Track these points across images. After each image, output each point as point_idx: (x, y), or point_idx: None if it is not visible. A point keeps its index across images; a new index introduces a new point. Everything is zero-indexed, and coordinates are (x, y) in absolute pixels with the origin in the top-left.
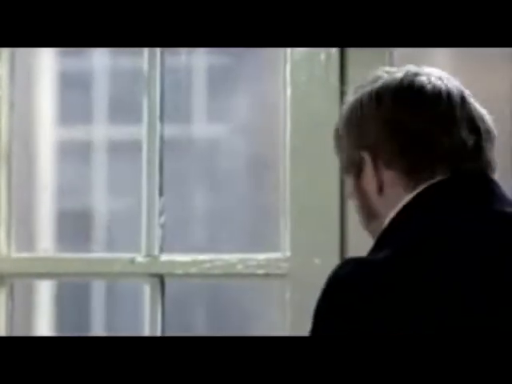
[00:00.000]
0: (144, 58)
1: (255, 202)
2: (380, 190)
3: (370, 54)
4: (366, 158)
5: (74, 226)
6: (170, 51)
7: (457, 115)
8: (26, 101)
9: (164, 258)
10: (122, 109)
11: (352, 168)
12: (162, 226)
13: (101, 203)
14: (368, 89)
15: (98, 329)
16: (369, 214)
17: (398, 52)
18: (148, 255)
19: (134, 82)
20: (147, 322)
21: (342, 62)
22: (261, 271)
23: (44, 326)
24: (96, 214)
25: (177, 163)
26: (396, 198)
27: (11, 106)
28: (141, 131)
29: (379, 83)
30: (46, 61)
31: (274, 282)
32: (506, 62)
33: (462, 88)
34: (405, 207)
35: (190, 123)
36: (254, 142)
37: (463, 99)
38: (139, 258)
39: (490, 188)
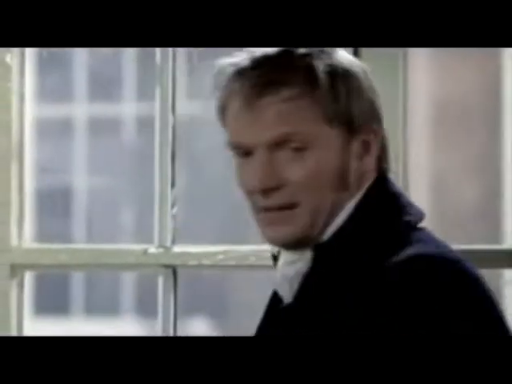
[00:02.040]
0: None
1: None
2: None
3: (384, 52)
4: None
5: (54, 204)
6: None
7: None
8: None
9: (176, 249)
10: (102, 86)
11: None
12: (175, 217)
13: (81, 181)
14: None
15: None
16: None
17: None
18: (160, 246)
19: (114, 59)
20: (160, 313)
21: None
22: None
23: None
24: (76, 192)
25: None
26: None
27: None
28: (121, 110)
29: None
30: None
31: None
32: (478, 54)
33: None
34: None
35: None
36: None
37: None
38: (152, 249)
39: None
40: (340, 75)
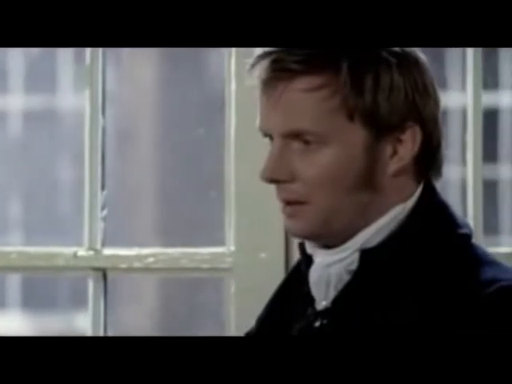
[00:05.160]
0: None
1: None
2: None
3: None
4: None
5: None
6: None
7: None
8: None
9: (107, 251)
10: None
11: None
12: (105, 220)
13: None
14: None
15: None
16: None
17: None
18: (90, 249)
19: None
20: (90, 317)
21: None
22: (205, 265)
23: None
24: None
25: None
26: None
27: None
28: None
29: None
30: None
31: (218, 277)
32: None
33: None
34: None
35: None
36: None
37: None
38: (82, 252)
39: None
40: (369, 68)
